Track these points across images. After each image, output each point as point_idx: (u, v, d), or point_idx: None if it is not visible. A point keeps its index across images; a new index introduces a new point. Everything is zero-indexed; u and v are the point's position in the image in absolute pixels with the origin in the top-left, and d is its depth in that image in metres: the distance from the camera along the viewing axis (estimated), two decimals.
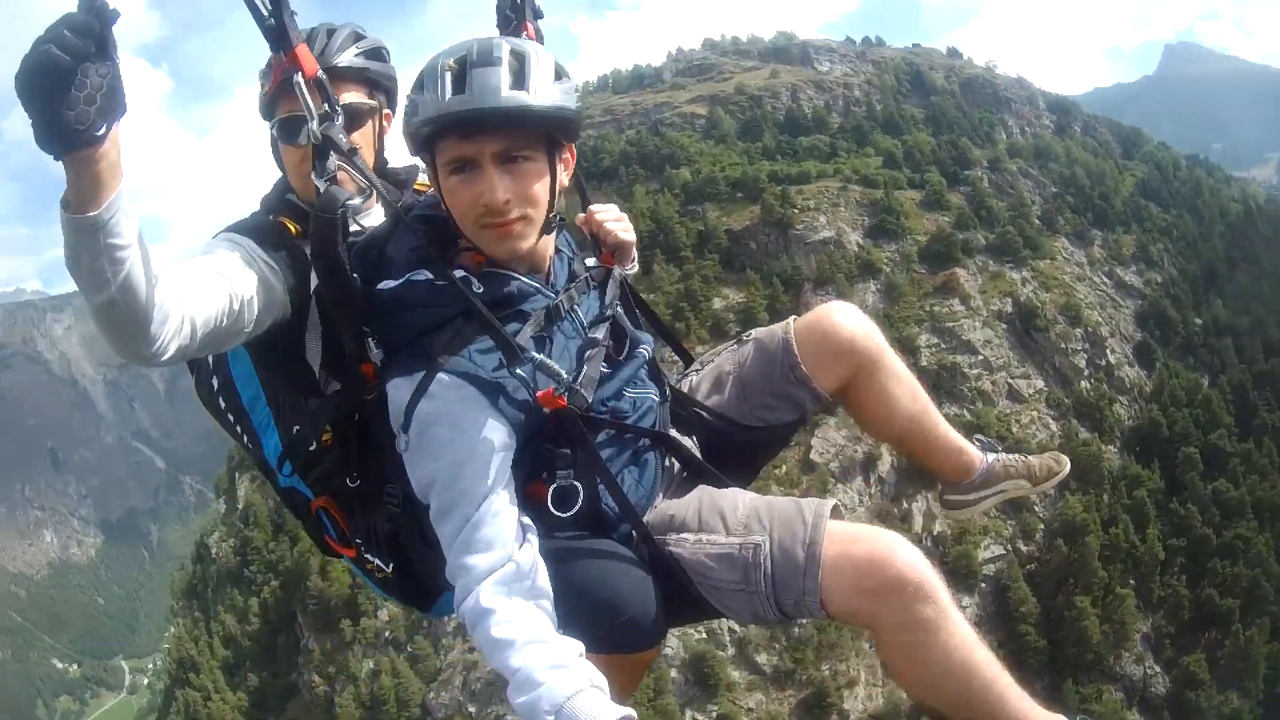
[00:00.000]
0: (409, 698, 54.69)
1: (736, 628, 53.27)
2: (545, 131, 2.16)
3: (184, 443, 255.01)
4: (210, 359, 2.68)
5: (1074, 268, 76.79)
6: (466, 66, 2.08)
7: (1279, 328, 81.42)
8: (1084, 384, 69.30)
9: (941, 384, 65.64)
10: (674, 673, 51.94)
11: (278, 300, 2.42)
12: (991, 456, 2.93)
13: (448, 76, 2.08)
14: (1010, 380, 67.49)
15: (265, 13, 2.17)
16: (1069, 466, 2.96)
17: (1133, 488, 64.98)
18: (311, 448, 2.53)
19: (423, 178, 2.81)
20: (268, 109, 2.62)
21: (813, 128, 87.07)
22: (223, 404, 2.74)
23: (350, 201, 2.20)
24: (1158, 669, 60.49)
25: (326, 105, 2.28)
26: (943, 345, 67.86)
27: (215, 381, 2.74)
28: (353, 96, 2.60)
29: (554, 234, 2.32)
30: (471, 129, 2.07)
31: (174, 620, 79.40)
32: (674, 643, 54.32)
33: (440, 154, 2.12)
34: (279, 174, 2.75)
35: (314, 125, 2.25)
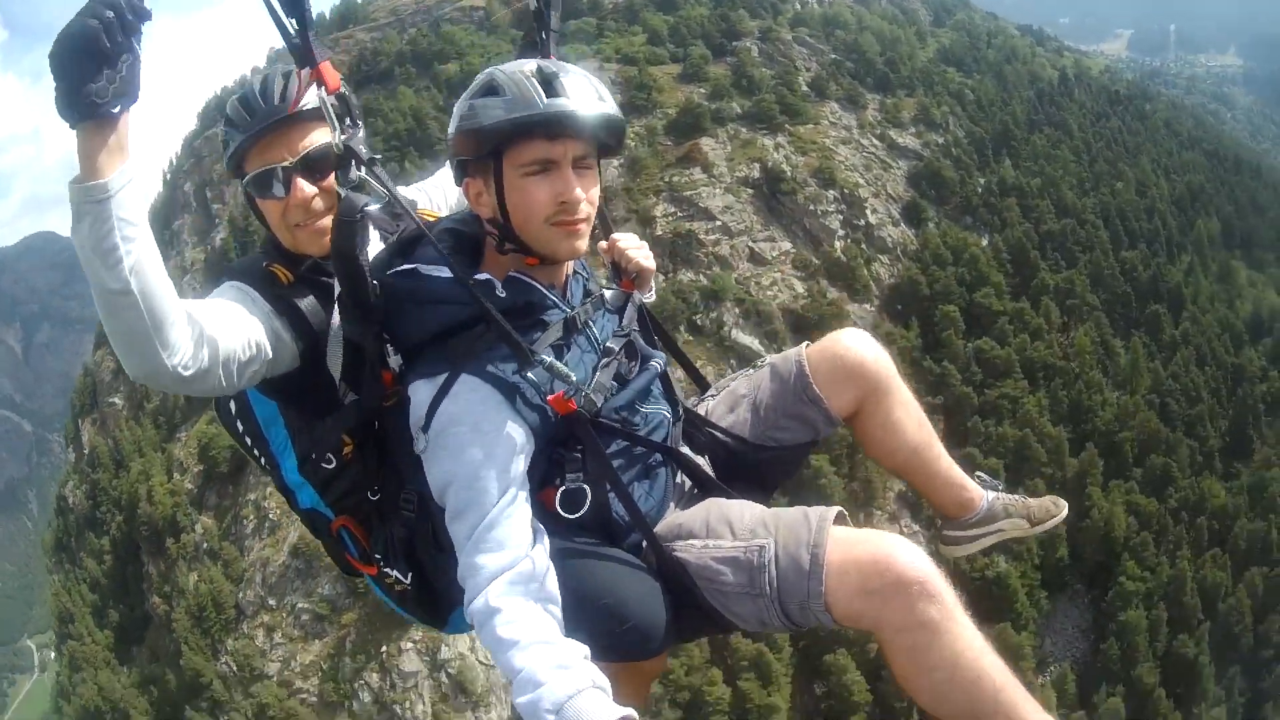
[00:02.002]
0: (224, 601, 56.39)
1: None
2: (599, 143, 2.30)
3: (45, 401, 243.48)
4: None
5: (841, 131, 72.87)
6: (549, 75, 2.19)
7: (1076, 189, 78.52)
8: (837, 244, 65.72)
9: (677, 252, 62.45)
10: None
11: (285, 346, 2.46)
12: (992, 495, 2.94)
13: (535, 81, 2.17)
14: (752, 244, 63.89)
15: (292, 32, 2.20)
16: (1066, 509, 2.95)
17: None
18: (330, 465, 2.47)
19: (425, 204, 2.92)
20: (237, 163, 2.60)
21: (586, 10, 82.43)
22: (240, 427, 2.70)
23: (369, 207, 2.24)
24: (916, 527, 58.16)
25: (349, 118, 2.29)
26: (679, 214, 64.17)
27: (233, 405, 2.70)
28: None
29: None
30: (561, 131, 2.18)
31: (50, 578, 79.31)
32: None
33: (518, 155, 2.19)
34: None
35: (338, 137, 2.27)
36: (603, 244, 2.74)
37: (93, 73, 1.71)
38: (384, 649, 51.56)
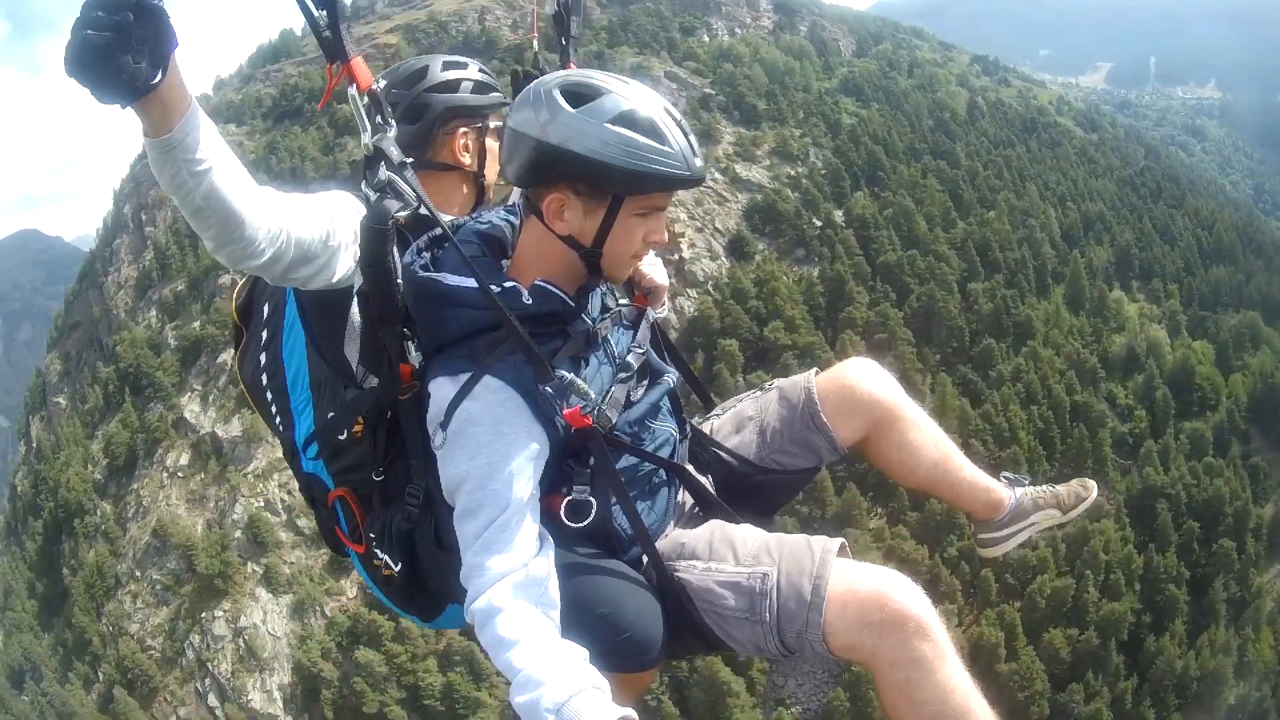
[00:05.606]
0: (107, 571, 67.11)
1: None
2: None
3: (23, 398, 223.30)
4: (262, 336, 2.77)
5: None
6: (686, 127, 2.23)
7: (939, 219, 78.24)
8: None
9: None
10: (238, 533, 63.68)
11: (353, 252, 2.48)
12: (1019, 491, 2.97)
13: (686, 135, 2.20)
14: None
15: (322, 26, 2.19)
16: (1096, 490, 3.02)
17: None
18: (342, 437, 2.55)
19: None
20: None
21: (482, 50, 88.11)
22: (264, 380, 2.78)
23: (400, 213, 2.23)
24: None
25: (380, 118, 2.32)
26: None
27: (263, 358, 2.78)
28: None
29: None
30: (692, 188, 2.28)
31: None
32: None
33: (644, 200, 2.21)
34: None
35: (367, 138, 2.29)
36: None
37: (112, 68, 1.69)
38: (203, 615, 61.75)
